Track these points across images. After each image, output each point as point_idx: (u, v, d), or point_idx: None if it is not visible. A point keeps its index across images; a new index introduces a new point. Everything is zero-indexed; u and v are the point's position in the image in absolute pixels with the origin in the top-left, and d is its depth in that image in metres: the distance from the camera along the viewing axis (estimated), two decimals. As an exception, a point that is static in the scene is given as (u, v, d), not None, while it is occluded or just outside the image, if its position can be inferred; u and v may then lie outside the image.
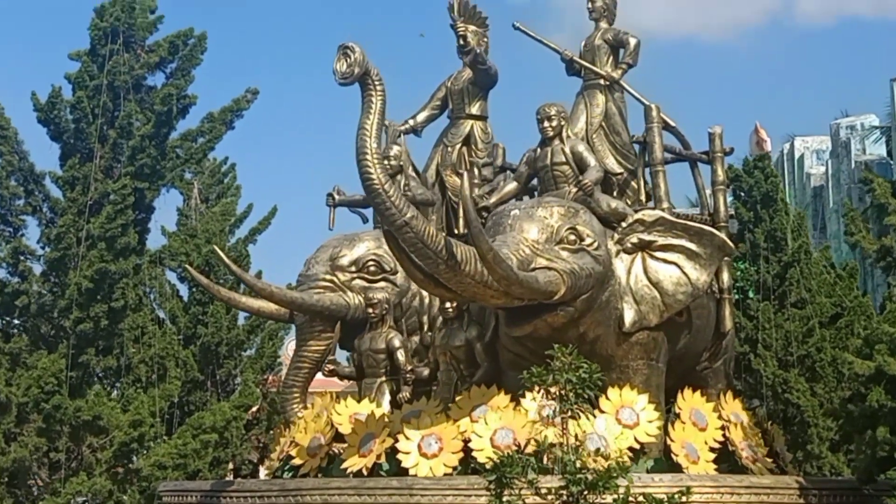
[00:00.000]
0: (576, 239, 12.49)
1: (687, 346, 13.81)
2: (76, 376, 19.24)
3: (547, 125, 13.98)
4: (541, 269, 12.05)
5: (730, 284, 14.40)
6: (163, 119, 18.73)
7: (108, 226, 18.47)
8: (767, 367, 25.86)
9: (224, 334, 27.07)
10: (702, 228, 13.34)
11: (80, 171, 19.58)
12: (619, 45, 15.18)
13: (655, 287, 12.98)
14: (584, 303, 12.48)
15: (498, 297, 11.88)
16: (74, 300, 18.76)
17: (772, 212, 27.81)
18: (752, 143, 44.20)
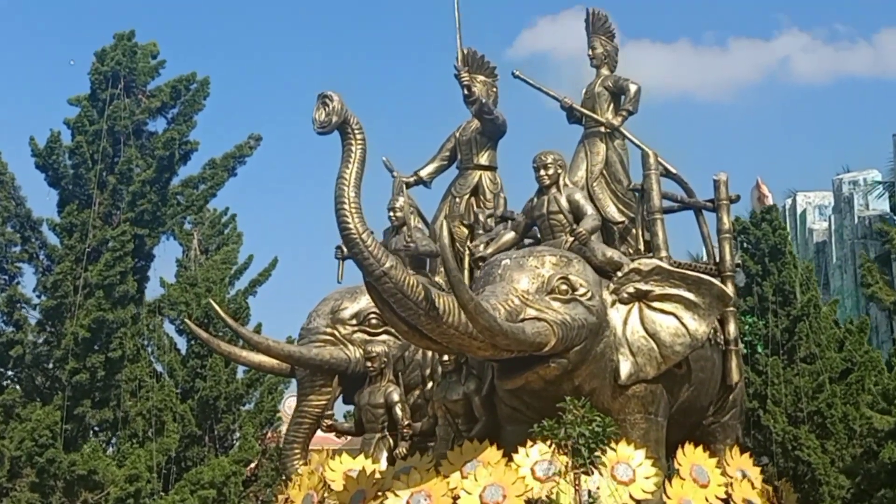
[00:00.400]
0: (568, 289, 12.07)
1: (690, 399, 13.15)
2: (71, 429, 18.63)
3: (543, 174, 13.62)
4: (529, 321, 11.66)
5: (736, 335, 13.91)
6: (164, 164, 18.23)
7: (106, 273, 17.93)
8: (777, 423, 25.33)
9: (223, 388, 26.55)
10: (700, 278, 12.82)
11: (78, 217, 19.07)
12: (620, 91, 14.89)
13: (652, 338, 12.42)
14: (578, 354, 12.00)
15: (484, 348, 11.47)
16: (70, 350, 18.21)
17: (780, 265, 27.36)
18: (754, 198, 43.72)
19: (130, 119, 19.31)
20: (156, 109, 19.78)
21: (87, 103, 19.62)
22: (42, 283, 19.30)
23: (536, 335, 11.54)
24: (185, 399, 26.71)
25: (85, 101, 19.74)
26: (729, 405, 13.87)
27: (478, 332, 11.12)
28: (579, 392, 11.97)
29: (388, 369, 14.12)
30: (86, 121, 19.37)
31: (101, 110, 19.50)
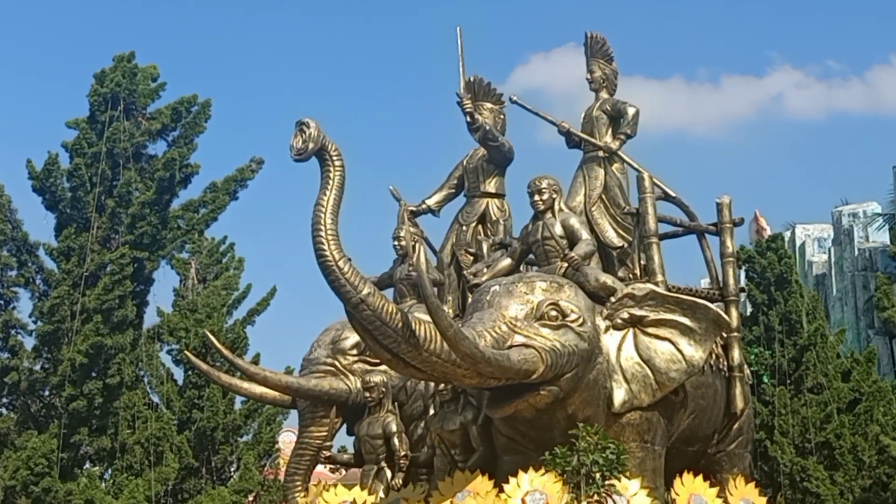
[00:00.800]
0: (558, 315, 11.73)
1: (691, 427, 12.73)
2: (67, 458, 18.11)
3: (538, 199, 13.31)
4: (516, 348, 11.30)
5: (741, 362, 13.56)
6: (164, 186, 17.78)
7: (104, 297, 17.46)
8: (784, 454, 24.84)
9: (220, 419, 26.02)
10: (695, 302, 12.39)
11: (75, 241, 18.62)
12: (618, 115, 14.58)
13: (647, 364, 12.04)
14: (569, 382, 11.64)
15: (470, 376, 11.19)
16: (67, 376, 17.72)
17: (786, 293, 26.98)
18: (752, 231, 43.40)
19: (130, 142, 18.89)
20: (156, 132, 19.35)
21: (85, 125, 19.20)
22: (38, 308, 18.82)
23: (523, 362, 11.27)
24: (182, 430, 26.19)
25: (83, 124, 19.32)
26: (734, 433, 13.45)
27: (460, 360, 10.86)
28: (573, 420, 11.71)
29: (387, 399, 13.81)
30: (84, 143, 18.95)
31: (100, 133, 19.09)
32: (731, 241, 13.67)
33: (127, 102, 19.18)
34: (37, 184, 18.90)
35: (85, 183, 18.63)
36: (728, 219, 13.91)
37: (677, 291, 13.32)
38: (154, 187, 17.69)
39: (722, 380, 12.94)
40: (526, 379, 11.30)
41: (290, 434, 45.34)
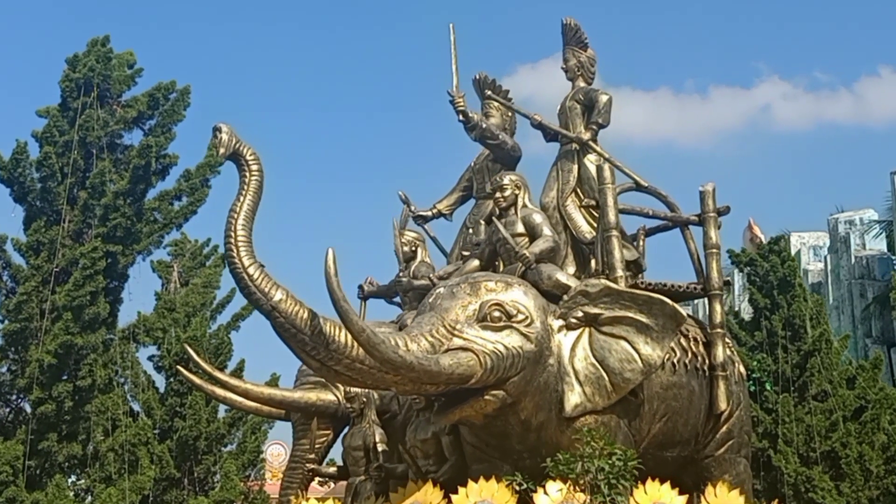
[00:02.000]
0: (501, 316, 11.22)
1: (666, 431, 12.10)
2: (35, 465, 16.97)
3: (499, 196, 12.90)
4: (451, 352, 10.86)
5: (724, 360, 12.80)
6: (139, 175, 16.62)
7: (75, 294, 16.30)
8: (788, 464, 24.19)
9: (203, 428, 25.31)
10: (650, 297, 11.75)
11: (45, 235, 17.48)
12: (591, 104, 14.01)
13: (601, 365, 11.48)
14: (517, 386, 11.16)
15: (402, 383, 10.83)
16: (35, 378, 16.58)
17: (789, 297, 26.31)
18: (746, 239, 42.83)
19: (104, 130, 17.74)
20: (131, 120, 18.19)
21: (57, 113, 18.04)
22: (5, 306, 17.65)
23: (456, 366, 10.77)
24: (163, 440, 25.39)
25: (55, 111, 18.18)
26: (722, 437, 12.68)
27: (380, 366, 10.47)
28: (528, 427, 11.38)
29: (369, 410, 13.47)
30: (55, 131, 17.81)
31: (72, 121, 17.96)
32: (714, 231, 13.01)
33: (101, 89, 18.06)
34: (4, 174, 17.74)
35: (56, 173, 17.50)
36: (711, 208, 13.26)
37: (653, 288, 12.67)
38: (128, 176, 16.50)
39: (701, 379, 12.32)
40: (464, 384, 10.89)
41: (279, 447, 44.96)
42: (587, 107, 14.03)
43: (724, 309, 12.80)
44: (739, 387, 12.99)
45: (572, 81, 14.30)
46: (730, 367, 13.02)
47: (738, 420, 12.86)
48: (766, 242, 28.66)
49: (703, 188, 13.58)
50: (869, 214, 42.95)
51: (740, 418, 12.88)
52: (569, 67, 14.33)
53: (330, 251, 10.98)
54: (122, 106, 18.07)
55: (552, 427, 11.43)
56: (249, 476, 27.54)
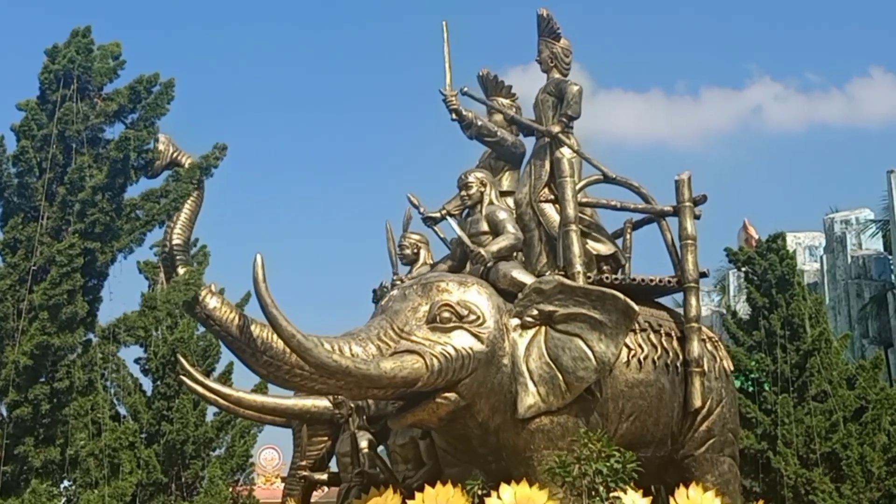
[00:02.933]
0: (451, 317, 11.45)
1: (634, 431, 12.25)
2: (10, 471, 16.40)
3: (465, 194, 13.15)
4: (396, 355, 11.09)
5: (699, 355, 12.52)
6: (118, 168, 16.02)
7: (51, 292, 15.71)
8: (788, 465, 24.14)
9: (190, 431, 25.16)
10: (603, 292, 11.77)
11: (22, 232, 16.86)
12: (562, 96, 13.76)
13: (555, 364, 11.51)
14: (469, 388, 11.34)
15: (347, 388, 11.14)
16: (11, 380, 16.00)
17: (788, 296, 26.06)
18: (741, 240, 42.89)
19: (84, 124, 17.15)
20: (112, 114, 17.58)
21: (35, 105, 17.45)
22: (-21, 306, 17.05)
23: (399, 369, 10.92)
24: (150, 443, 25.10)
25: (33, 104, 17.59)
26: (702, 436, 12.47)
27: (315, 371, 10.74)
28: (486, 430, 11.53)
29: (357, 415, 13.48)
30: (33, 125, 17.20)
31: (51, 114, 17.36)
32: (690, 222, 12.94)
33: (81, 81, 17.45)
34: (-22, 169, 17.17)
35: (33, 168, 16.91)
36: (687, 197, 13.10)
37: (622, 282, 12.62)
38: (106, 170, 15.92)
39: (673, 376, 12.27)
40: (411, 387, 10.98)
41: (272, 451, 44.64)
42: (559, 99, 13.82)
43: (699, 302, 12.60)
44: (721, 383, 12.62)
45: (547, 73, 14.15)
46: (710, 362, 12.64)
47: (719, 418, 12.50)
48: (762, 241, 28.57)
49: (679, 177, 13.31)
50: (865, 214, 43.11)
51: (722, 416, 12.54)
52: (542, 59, 14.21)
53: (258, 257, 10.97)
54: (102, 99, 17.46)
55: (509, 429, 11.58)
56: (238, 481, 27.20)
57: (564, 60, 14.13)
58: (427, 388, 11.20)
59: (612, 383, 12.09)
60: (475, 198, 13.10)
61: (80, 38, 17.85)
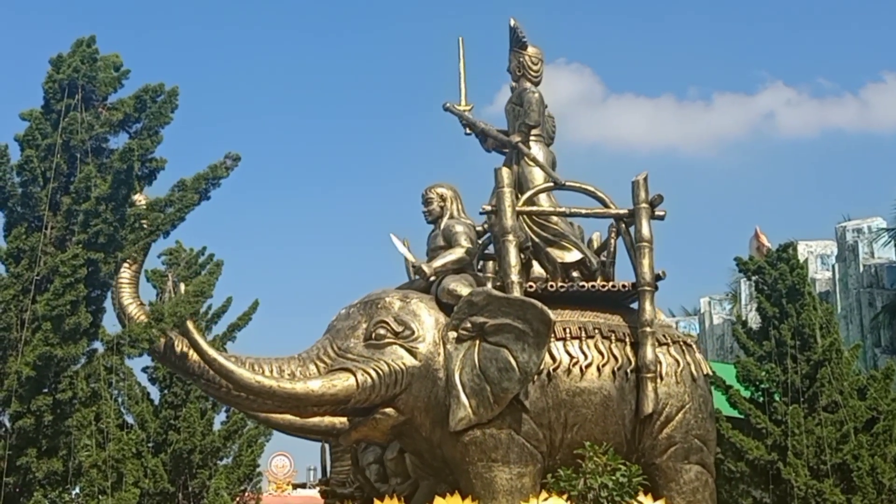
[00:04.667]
0: (386, 333, 11.93)
1: (579, 441, 12.28)
2: (13, 482, 16.30)
3: (424, 210, 13.47)
4: (329, 373, 11.67)
5: (653, 359, 12.40)
6: (121, 178, 15.96)
7: (54, 303, 15.61)
8: (798, 477, 23.98)
9: (198, 440, 25.13)
10: (524, 301, 11.92)
11: (26, 242, 16.77)
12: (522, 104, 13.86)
13: (484, 376, 11.70)
14: (405, 402, 11.86)
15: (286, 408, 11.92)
16: (14, 391, 15.91)
17: (799, 306, 25.91)
18: (753, 248, 42.88)
19: (88, 133, 17.09)
20: (117, 123, 17.53)
21: (39, 115, 17.39)
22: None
23: (328, 388, 11.53)
24: (156, 453, 25.07)
25: (37, 113, 17.54)
26: (663, 443, 12.36)
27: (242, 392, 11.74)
28: (431, 444, 12.01)
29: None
30: (38, 134, 17.13)
31: (56, 123, 17.30)
32: (646, 223, 12.91)
33: (86, 91, 17.39)
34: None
35: (38, 178, 16.84)
36: (643, 199, 13.08)
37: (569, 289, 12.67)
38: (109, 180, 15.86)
39: (621, 383, 12.30)
40: (344, 404, 11.62)
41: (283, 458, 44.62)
42: (522, 107, 13.86)
43: (654, 306, 12.49)
44: (685, 388, 12.43)
45: (518, 83, 14.19)
46: (671, 367, 12.45)
47: (680, 424, 12.33)
48: (773, 250, 28.45)
49: (635, 178, 13.27)
50: (877, 222, 43.02)
51: (685, 422, 12.36)
52: (511, 69, 14.36)
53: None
54: (107, 108, 17.40)
55: (448, 442, 11.97)
56: (245, 490, 27.14)
57: (532, 69, 14.22)
58: (362, 404, 11.64)
59: (553, 392, 12.12)
60: (435, 213, 13.33)
61: (84, 48, 17.80)
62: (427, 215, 13.45)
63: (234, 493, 26.49)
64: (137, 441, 23.95)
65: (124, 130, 17.76)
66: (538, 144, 13.60)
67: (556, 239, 13.22)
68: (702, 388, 13.08)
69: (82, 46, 17.74)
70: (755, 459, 24.45)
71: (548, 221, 13.25)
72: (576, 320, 12.54)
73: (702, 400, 13.02)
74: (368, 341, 11.93)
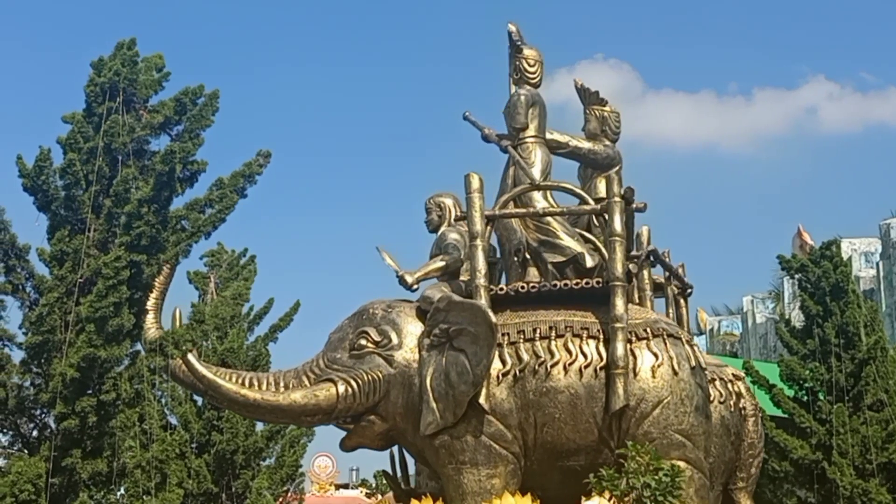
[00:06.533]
0: (366, 343, 12.08)
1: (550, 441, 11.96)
2: (59, 483, 16.45)
3: (425, 219, 13.44)
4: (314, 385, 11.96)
5: (623, 354, 12.12)
6: (163, 181, 16.05)
7: (97, 304, 15.76)
8: (844, 476, 23.67)
9: (240, 441, 25.20)
10: (473, 305, 11.87)
11: (69, 244, 16.95)
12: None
13: (446, 380, 11.66)
14: (386, 409, 11.98)
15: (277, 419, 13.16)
16: (59, 392, 16.06)
17: (842, 304, 25.63)
18: (796, 246, 42.40)
19: (129, 136, 17.20)
20: (158, 126, 17.64)
21: (81, 118, 17.52)
22: (28, 318, 17.14)
23: (311, 398, 11.81)
24: (200, 454, 25.15)
25: (80, 117, 17.66)
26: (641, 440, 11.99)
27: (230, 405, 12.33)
28: (416, 448, 12.12)
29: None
30: (80, 137, 17.27)
31: (98, 126, 17.43)
32: (618, 218, 12.61)
33: (127, 93, 17.52)
34: (28, 182, 17.21)
35: (80, 181, 16.99)
36: (615, 193, 12.81)
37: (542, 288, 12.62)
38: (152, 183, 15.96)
39: (589, 380, 11.99)
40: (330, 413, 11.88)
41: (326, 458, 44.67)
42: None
43: (626, 301, 12.20)
44: (662, 382, 12.09)
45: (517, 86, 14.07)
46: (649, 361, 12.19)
47: (657, 420, 12.00)
48: (817, 248, 28.10)
49: (608, 172, 13.16)
50: (922, 219, 42.46)
51: (663, 418, 12.01)
52: (510, 73, 14.25)
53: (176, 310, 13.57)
54: (148, 111, 17.51)
55: (425, 447, 11.94)
56: (288, 490, 27.19)
57: (529, 71, 14.04)
58: (347, 412, 11.95)
59: (521, 393, 12.01)
60: (434, 222, 13.25)
61: (124, 51, 17.93)
62: (427, 225, 13.42)
63: (277, 494, 26.59)
64: (181, 442, 24.11)
65: (165, 133, 17.89)
66: (537, 145, 13.49)
67: (548, 239, 13.13)
68: (685, 381, 12.50)
69: (123, 49, 17.88)
70: (799, 459, 24.22)
71: (541, 222, 13.18)
72: (548, 319, 12.35)
73: (684, 394, 12.45)
74: (352, 351, 12.13)
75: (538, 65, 13.98)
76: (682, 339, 12.55)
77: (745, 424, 13.37)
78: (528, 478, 11.98)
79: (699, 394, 12.34)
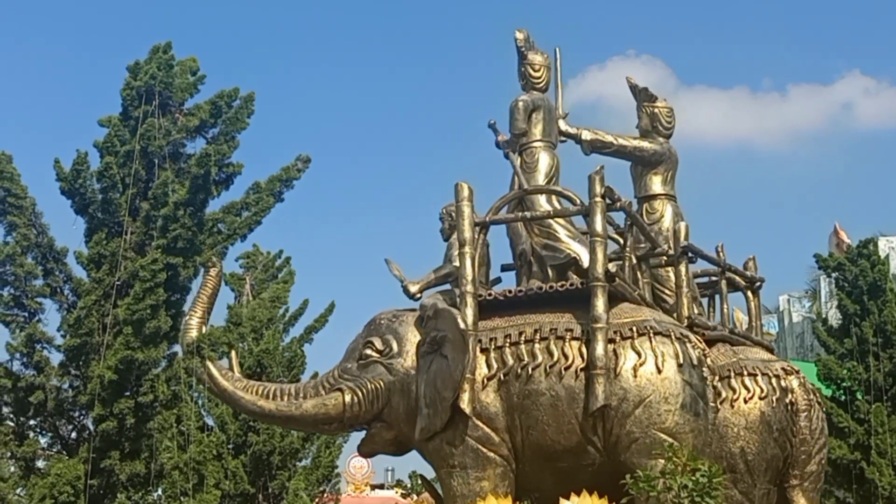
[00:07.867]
0: (371, 352, 12.36)
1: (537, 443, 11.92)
2: (97, 484, 16.55)
3: (440, 228, 13.82)
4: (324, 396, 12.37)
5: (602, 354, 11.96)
6: (199, 184, 16.12)
7: (135, 307, 15.87)
8: (883, 476, 23.57)
9: (277, 442, 25.27)
10: (446, 311, 11.99)
11: (107, 247, 17.09)
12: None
13: (433, 386, 11.82)
14: (390, 416, 12.28)
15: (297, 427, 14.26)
16: (97, 395, 16.16)
17: (880, 303, 25.46)
18: (832, 244, 42.10)
19: (166, 139, 17.30)
20: (194, 129, 17.72)
21: (118, 121, 17.63)
22: (66, 320, 17.26)
23: (320, 407, 12.29)
24: (237, 455, 25.23)
25: (116, 120, 17.77)
26: (624, 440, 11.85)
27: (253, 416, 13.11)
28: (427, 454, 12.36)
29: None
30: (116, 141, 17.39)
31: (134, 129, 17.54)
32: (600, 218, 12.42)
33: (163, 97, 17.63)
34: (65, 185, 17.34)
35: (117, 184, 17.11)
36: (597, 193, 12.74)
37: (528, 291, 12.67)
38: (188, 185, 16.04)
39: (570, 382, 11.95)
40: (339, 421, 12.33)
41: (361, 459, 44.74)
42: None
43: (606, 301, 12.01)
44: (645, 381, 11.91)
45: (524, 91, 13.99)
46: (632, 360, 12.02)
47: (639, 419, 11.82)
48: (854, 246, 27.92)
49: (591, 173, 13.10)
50: (962, 213, 42.13)
51: (645, 417, 11.83)
52: (518, 80, 14.14)
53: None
54: (183, 114, 17.60)
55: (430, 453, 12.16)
56: (324, 491, 27.25)
57: (534, 76, 14.11)
58: (356, 420, 12.35)
59: (505, 396, 12.00)
60: (447, 231, 13.50)
61: (160, 55, 18.03)
62: (442, 234, 13.69)
63: (313, 494, 26.64)
64: (218, 443, 24.19)
65: (201, 135, 17.96)
66: (542, 149, 13.48)
67: (549, 242, 13.12)
68: (670, 380, 12.21)
69: (158, 53, 17.98)
70: (838, 459, 24.04)
71: (543, 226, 13.19)
72: (534, 322, 12.28)
73: (668, 392, 12.15)
74: (359, 361, 12.44)
75: (543, 69, 14.05)
76: (672, 336, 12.28)
77: (796, 420, 13.03)
78: (522, 479, 12.08)
79: (687, 391, 12.04)
